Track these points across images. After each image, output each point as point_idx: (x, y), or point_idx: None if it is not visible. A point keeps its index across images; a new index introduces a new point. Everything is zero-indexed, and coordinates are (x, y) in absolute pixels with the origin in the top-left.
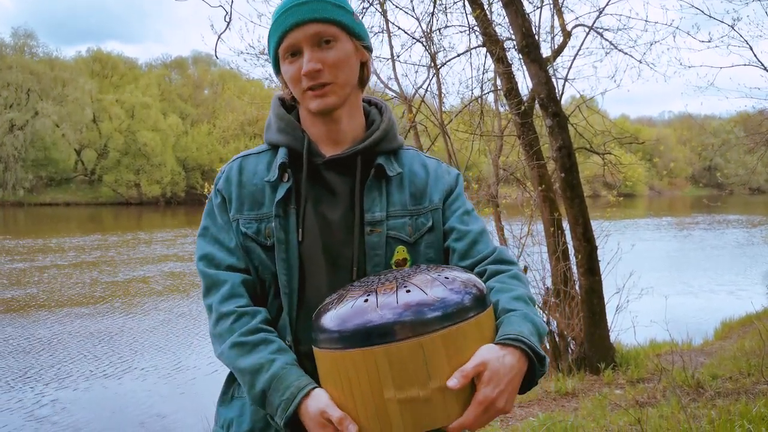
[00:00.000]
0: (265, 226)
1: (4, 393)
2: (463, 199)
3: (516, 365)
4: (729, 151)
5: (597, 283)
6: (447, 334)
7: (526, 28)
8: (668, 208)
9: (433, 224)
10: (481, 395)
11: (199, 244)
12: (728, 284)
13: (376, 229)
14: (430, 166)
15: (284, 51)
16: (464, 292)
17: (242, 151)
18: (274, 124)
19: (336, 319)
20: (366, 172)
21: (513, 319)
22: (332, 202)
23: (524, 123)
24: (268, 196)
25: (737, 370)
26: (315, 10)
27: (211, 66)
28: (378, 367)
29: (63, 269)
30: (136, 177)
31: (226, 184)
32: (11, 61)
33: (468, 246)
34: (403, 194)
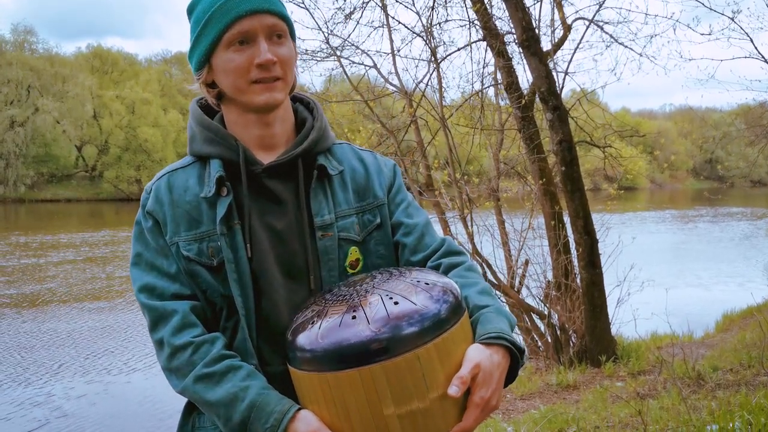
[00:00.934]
0: (207, 245)
1: (33, 387)
2: (404, 190)
3: (502, 362)
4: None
5: (598, 276)
6: (440, 343)
7: (526, 22)
8: (669, 201)
9: (381, 220)
10: (478, 397)
11: (134, 274)
12: (730, 276)
13: (327, 233)
14: (367, 159)
15: (232, 37)
16: (447, 298)
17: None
18: (200, 134)
19: (323, 339)
20: (308, 175)
21: (489, 317)
22: (278, 211)
23: (525, 117)
24: (206, 212)
25: (738, 361)
26: (271, 1)
27: None
28: (376, 385)
29: (77, 264)
30: (136, 173)
31: (157, 205)
32: (11, 57)
33: (417, 240)
34: (346, 192)
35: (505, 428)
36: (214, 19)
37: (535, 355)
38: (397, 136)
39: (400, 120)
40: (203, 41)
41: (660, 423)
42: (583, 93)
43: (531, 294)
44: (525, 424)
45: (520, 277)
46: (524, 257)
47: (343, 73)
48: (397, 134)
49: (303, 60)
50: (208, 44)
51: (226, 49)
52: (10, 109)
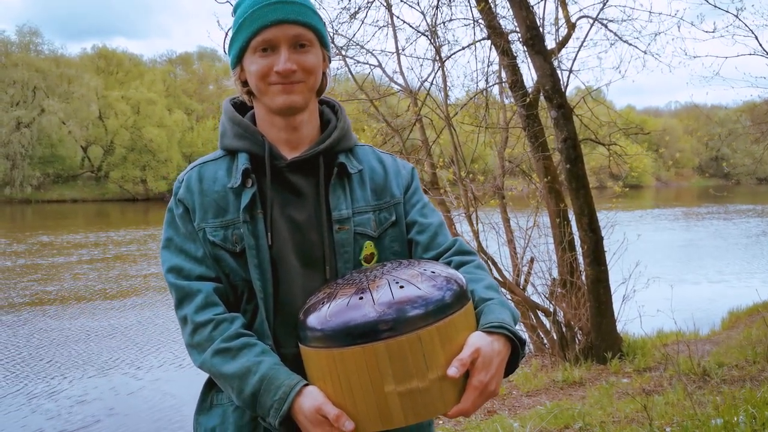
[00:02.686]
0: (232, 232)
1: (68, 382)
2: (420, 192)
3: (503, 350)
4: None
5: (603, 274)
6: (442, 326)
7: (530, 21)
8: (675, 199)
9: (396, 218)
10: (476, 381)
11: (164, 256)
12: (736, 274)
13: (343, 227)
14: (386, 161)
15: (258, 44)
16: (451, 286)
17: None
18: (231, 130)
19: (331, 318)
20: (328, 172)
21: (493, 308)
22: (298, 203)
23: (529, 115)
24: (232, 202)
25: (743, 358)
26: (298, 12)
27: (215, 61)
28: (379, 362)
29: (100, 263)
30: (142, 173)
31: (188, 193)
32: (17, 58)
33: (430, 238)
34: (365, 191)
35: (512, 424)
36: (245, 25)
37: (541, 352)
38: (402, 135)
39: (404, 119)
40: (236, 43)
41: (665, 418)
42: (588, 91)
43: (536, 291)
44: (531, 420)
45: (526, 274)
46: (529, 255)
47: (348, 72)
48: (401, 133)
49: None
50: (239, 47)
51: (253, 53)
52: (16, 110)
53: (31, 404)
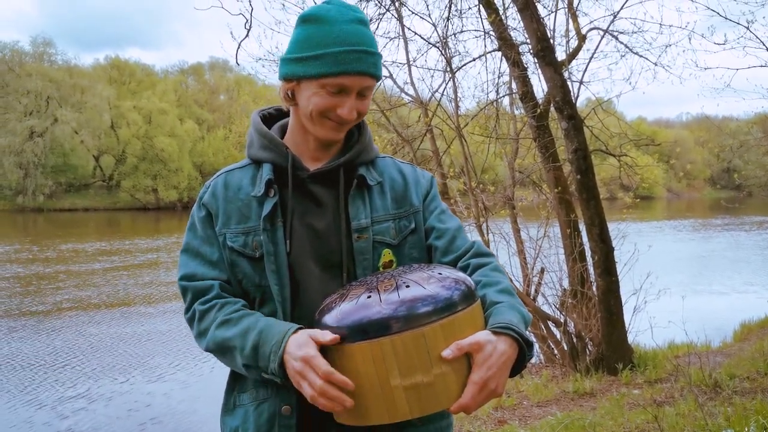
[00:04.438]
0: (252, 239)
1: (109, 385)
2: (438, 199)
3: (507, 351)
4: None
5: (614, 284)
6: (446, 324)
7: (541, 32)
8: (686, 210)
9: (416, 226)
10: (476, 376)
11: (181, 260)
12: (748, 286)
13: (362, 236)
14: (406, 171)
15: (331, 86)
16: (457, 287)
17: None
18: (257, 141)
19: (341, 315)
20: (348, 183)
21: (501, 310)
22: (318, 212)
23: (540, 126)
24: (255, 210)
25: (755, 369)
26: (375, 66)
27: (227, 72)
28: (384, 357)
29: (134, 269)
30: (153, 182)
31: (212, 199)
32: (31, 68)
33: (448, 242)
34: (385, 200)
35: None
36: (324, 60)
37: (552, 363)
38: (412, 145)
39: (415, 129)
40: (303, 67)
41: (676, 429)
42: (598, 102)
43: (547, 302)
44: (542, 430)
45: (536, 285)
46: (540, 265)
47: None
48: (412, 143)
49: None
50: (306, 73)
51: (321, 88)
52: (29, 119)
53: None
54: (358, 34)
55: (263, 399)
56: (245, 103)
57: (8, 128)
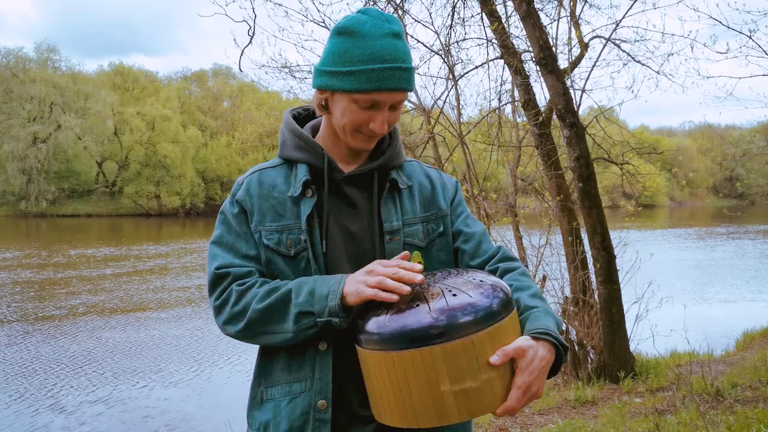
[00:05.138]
0: (286, 237)
1: (126, 390)
2: (463, 203)
3: (547, 355)
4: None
5: (616, 292)
6: (492, 331)
7: (543, 41)
8: (689, 219)
9: (443, 229)
10: (520, 380)
11: (213, 251)
12: (751, 295)
13: (394, 237)
14: (433, 176)
15: (365, 101)
16: (498, 295)
17: (260, 161)
18: (291, 141)
19: (389, 323)
20: (381, 186)
21: (538, 315)
22: (353, 214)
23: (542, 133)
24: (290, 209)
25: (757, 378)
26: (408, 81)
27: (230, 79)
28: (435, 364)
29: (145, 274)
30: (156, 188)
31: (247, 196)
32: (35, 74)
33: (475, 246)
34: (414, 204)
35: None
36: (358, 76)
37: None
38: (415, 153)
39: (417, 136)
40: (337, 81)
41: None
42: (601, 110)
43: None
44: None
45: None
46: (542, 273)
47: None
48: (415, 150)
49: None
50: (340, 87)
51: (354, 102)
52: (33, 125)
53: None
54: (393, 49)
55: (297, 393)
56: (248, 110)
57: (12, 134)
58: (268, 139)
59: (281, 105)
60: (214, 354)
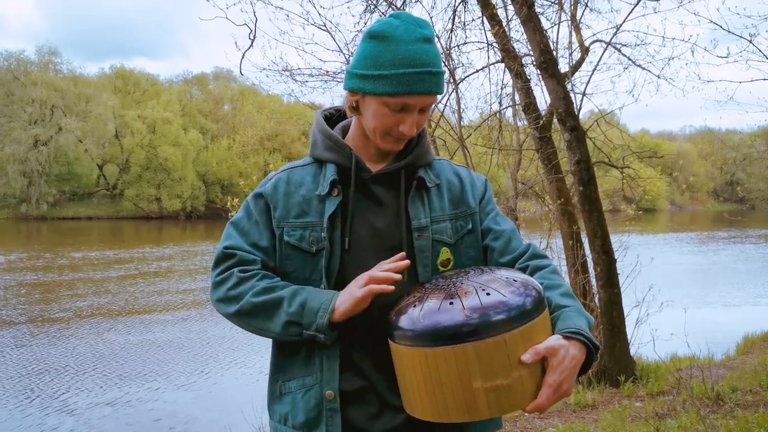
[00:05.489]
0: (309, 233)
1: (134, 392)
2: (493, 201)
3: (578, 355)
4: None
5: (616, 296)
6: (525, 330)
7: (544, 45)
8: (689, 223)
9: (472, 226)
10: (551, 379)
11: (228, 231)
12: (751, 299)
13: (423, 234)
14: (462, 174)
15: (395, 105)
16: (531, 293)
17: (261, 164)
18: (321, 142)
19: (422, 320)
20: (408, 184)
21: (570, 314)
22: (379, 212)
23: (542, 137)
24: (315, 207)
25: (757, 383)
26: (438, 85)
27: (231, 82)
28: (468, 361)
29: (146, 278)
30: (156, 191)
31: (273, 192)
32: (36, 77)
33: (505, 244)
34: (442, 201)
35: None
36: (388, 80)
37: None
38: None
39: None
40: (368, 84)
41: None
42: (601, 114)
43: None
44: None
45: None
46: None
47: None
48: None
49: (324, 81)
50: (370, 90)
51: (384, 105)
52: (34, 128)
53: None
54: (423, 53)
55: (310, 386)
56: (249, 114)
57: (13, 137)
58: (269, 143)
59: (282, 108)
60: (221, 356)
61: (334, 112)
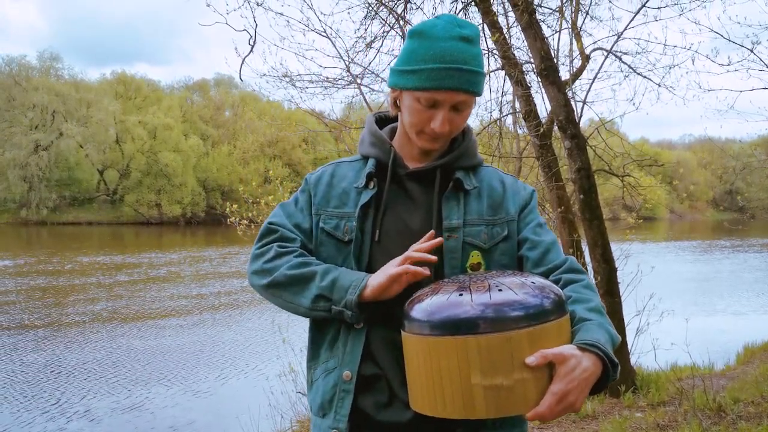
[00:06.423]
0: (345, 223)
1: (154, 396)
2: (536, 213)
3: (591, 368)
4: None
5: (616, 305)
6: (533, 332)
7: (545, 52)
8: (690, 231)
9: (508, 234)
10: (556, 387)
11: (276, 210)
12: (751, 308)
13: (453, 235)
14: (507, 182)
15: (424, 100)
16: (548, 297)
17: (261, 171)
18: (367, 139)
19: (431, 308)
20: (445, 185)
21: (590, 327)
22: (412, 209)
23: (543, 145)
24: (353, 198)
25: (759, 394)
26: (471, 82)
27: (232, 88)
28: (468, 354)
29: (156, 282)
30: (157, 197)
31: (317, 183)
32: (37, 83)
33: (541, 255)
34: (480, 205)
35: None
36: (420, 75)
37: None
38: None
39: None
40: (404, 79)
41: None
42: (602, 122)
43: None
44: None
45: None
46: None
47: (363, 100)
48: None
49: (324, 88)
50: (405, 85)
51: (416, 101)
52: (34, 133)
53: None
54: (456, 51)
55: (331, 369)
56: (250, 120)
57: (13, 142)
58: (270, 149)
59: (283, 115)
60: (237, 361)
61: (390, 114)
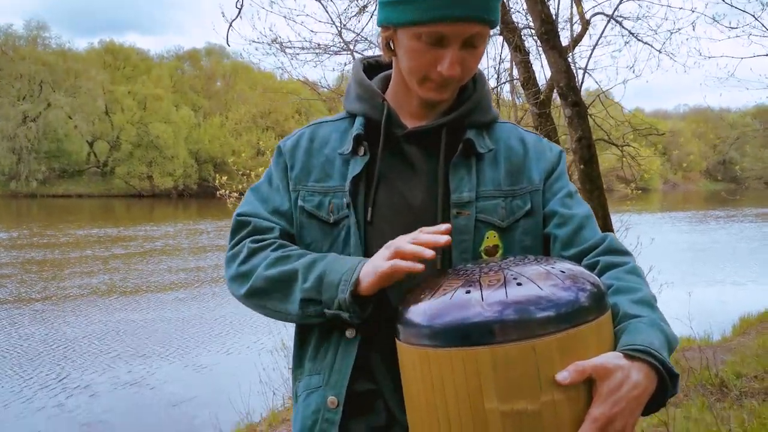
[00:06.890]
0: (330, 200)
1: (156, 371)
2: (565, 179)
3: (643, 382)
4: (745, 144)
5: None
6: (564, 338)
7: (545, 14)
8: (684, 202)
9: (531, 207)
10: (597, 411)
11: (247, 197)
12: (747, 279)
13: (463, 212)
14: (528, 141)
15: (427, 36)
16: (583, 290)
17: (254, 143)
18: (353, 91)
19: (430, 311)
20: (453, 147)
21: (639, 327)
22: (412, 179)
23: (542, 113)
24: (338, 169)
25: (762, 368)
26: (485, 9)
27: (223, 58)
28: (480, 371)
29: (154, 255)
30: (148, 169)
31: (293, 150)
32: (24, 52)
33: (572, 232)
34: (497, 172)
35: None
36: (420, 4)
37: None
38: None
39: None
40: (398, 12)
41: None
42: (602, 90)
43: None
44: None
45: None
46: None
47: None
48: None
49: (316, 54)
50: (400, 20)
51: (416, 39)
52: (22, 104)
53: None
54: None
55: (314, 388)
56: (242, 91)
57: (1, 113)
58: (262, 120)
59: (275, 85)
60: (237, 334)
61: (382, 61)
